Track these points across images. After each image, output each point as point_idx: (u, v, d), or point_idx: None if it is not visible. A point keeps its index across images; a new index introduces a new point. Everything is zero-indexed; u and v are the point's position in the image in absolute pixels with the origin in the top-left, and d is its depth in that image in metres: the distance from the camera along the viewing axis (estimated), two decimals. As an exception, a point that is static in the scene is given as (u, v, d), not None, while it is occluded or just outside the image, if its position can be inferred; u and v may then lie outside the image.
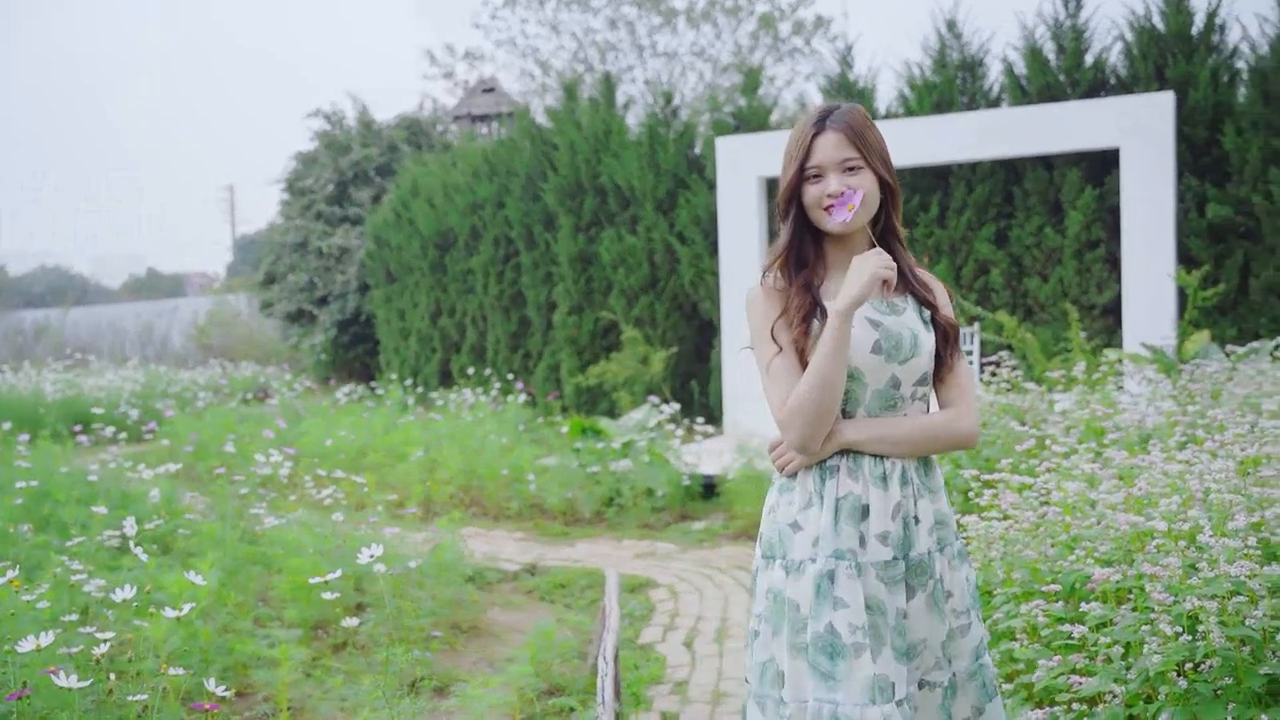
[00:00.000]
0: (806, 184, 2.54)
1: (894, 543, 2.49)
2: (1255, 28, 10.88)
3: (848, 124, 2.52)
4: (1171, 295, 9.83)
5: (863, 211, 2.51)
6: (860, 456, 2.51)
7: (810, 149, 2.53)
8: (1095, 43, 11.27)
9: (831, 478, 2.51)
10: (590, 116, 14.08)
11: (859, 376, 2.52)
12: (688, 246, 12.84)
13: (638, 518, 8.62)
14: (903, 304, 2.59)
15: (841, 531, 2.47)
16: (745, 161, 11.69)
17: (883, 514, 2.48)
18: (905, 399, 2.56)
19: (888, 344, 2.52)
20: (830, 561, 2.45)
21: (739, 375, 11.61)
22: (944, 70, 11.78)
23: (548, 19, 28.48)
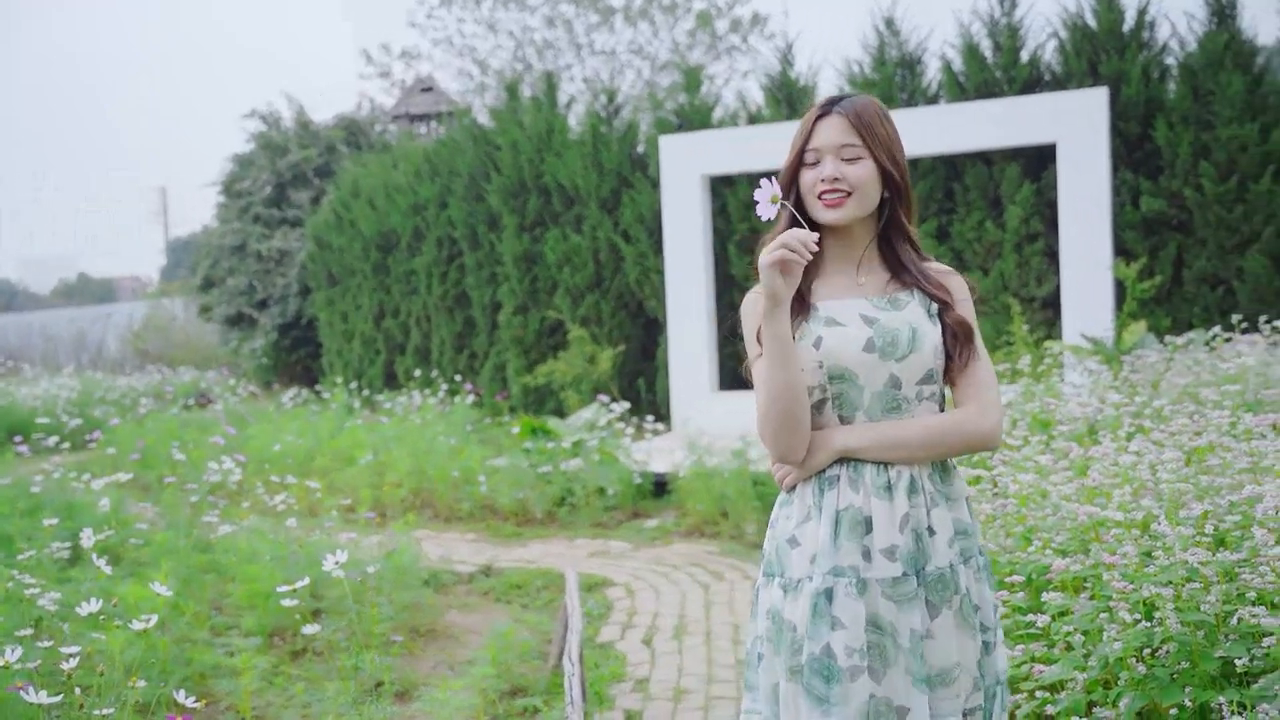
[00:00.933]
0: (804, 169, 2.40)
1: (904, 557, 2.29)
2: (1184, 25, 11.13)
3: (854, 110, 2.38)
4: (1109, 287, 10.04)
5: (854, 205, 2.36)
6: (862, 465, 2.33)
7: (812, 132, 2.39)
8: (1030, 40, 11.47)
9: (830, 489, 2.34)
10: (533, 116, 14.07)
11: (851, 378, 2.35)
12: (632, 245, 12.88)
13: (590, 517, 8.65)
14: (906, 298, 2.41)
15: (842, 547, 2.30)
16: (689, 160, 11.76)
17: (889, 526, 2.30)
18: (910, 400, 2.36)
19: (882, 341, 2.34)
20: (828, 579, 2.29)
21: (686, 373, 11.68)
22: (883, 68, 11.92)
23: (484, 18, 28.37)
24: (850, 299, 2.41)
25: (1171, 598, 2.89)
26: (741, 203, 12.31)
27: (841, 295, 2.43)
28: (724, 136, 11.88)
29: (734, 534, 7.97)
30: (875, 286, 2.44)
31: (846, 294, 2.43)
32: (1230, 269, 10.41)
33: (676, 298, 11.78)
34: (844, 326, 2.36)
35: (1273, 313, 10.00)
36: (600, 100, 14.19)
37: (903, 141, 2.44)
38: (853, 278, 2.44)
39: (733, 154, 11.71)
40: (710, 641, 5.66)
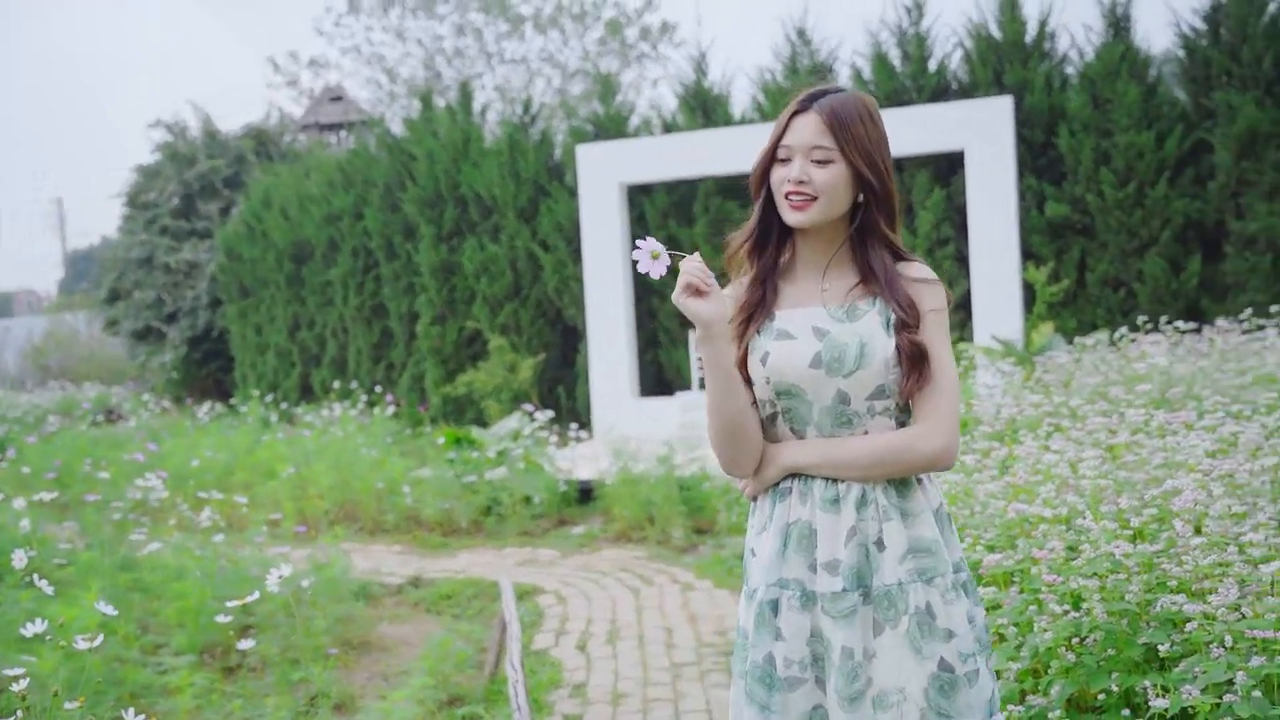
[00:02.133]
0: (775, 164, 2.29)
1: (845, 572, 2.22)
2: (1082, 36, 11.51)
3: (833, 110, 2.24)
4: (1017, 290, 10.34)
5: (819, 210, 2.25)
6: (811, 479, 2.29)
7: (787, 128, 2.29)
8: (938, 49, 11.77)
9: (782, 501, 2.31)
10: (448, 125, 14.05)
11: (799, 394, 2.28)
12: (551, 254, 12.93)
13: (517, 525, 8.68)
14: (866, 307, 2.30)
15: (789, 559, 2.27)
16: (606, 169, 11.85)
17: (832, 540, 2.25)
18: (861, 415, 2.28)
19: (829, 356, 2.25)
20: (773, 590, 2.28)
21: (606, 380, 11.76)
22: (795, 77, 12.13)
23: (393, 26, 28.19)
24: (809, 308, 2.32)
25: (1097, 589, 3.03)
26: (659, 211, 12.43)
27: (803, 303, 2.34)
28: (641, 145, 11.99)
29: (661, 539, 8.05)
30: (839, 293, 2.33)
31: (808, 301, 2.34)
32: (1131, 271, 10.78)
33: (596, 306, 11.85)
34: (793, 340, 2.29)
35: (1171, 313, 10.38)
36: (516, 109, 14.23)
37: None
38: (818, 283, 2.34)
39: (650, 163, 11.83)
40: (644, 645, 5.74)
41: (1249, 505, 3.31)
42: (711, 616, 6.14)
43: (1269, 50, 10.40)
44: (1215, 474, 3.37)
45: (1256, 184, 10.40)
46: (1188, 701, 2.60)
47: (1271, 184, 10.30)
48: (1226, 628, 2.71)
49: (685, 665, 5.38)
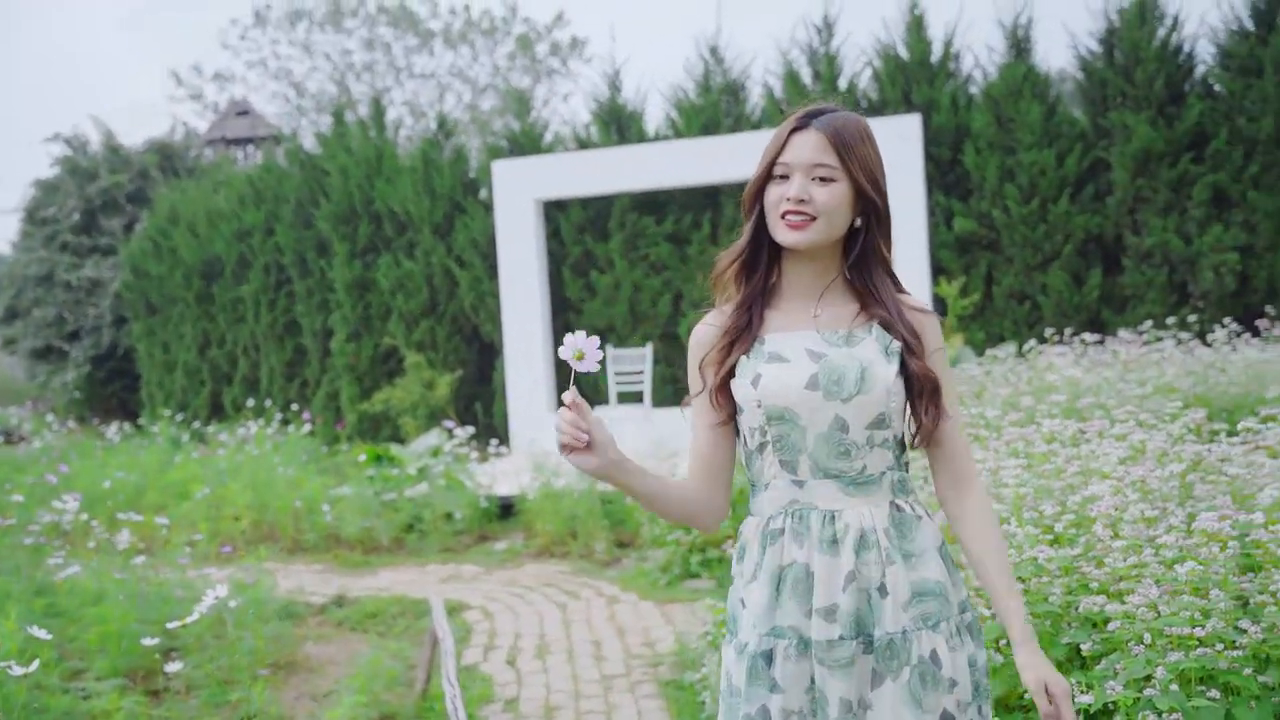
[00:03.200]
0: (771, 183, 2.17)
1: (844, 619, 2.09)
2: (985, 56, 11.85)
3: (835, 128, 2.14)
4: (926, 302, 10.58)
5: (818, 231, 2.14)
6: (807, 514, 2.14)
7: (785, 145, 2.16)
8: (848, 68, 12.03)
9: (773, 544, 2.16)
10: (361, 141, 13.97)
11: (792, 419, 2.13)
12: (467, 270, 12.92)
13: (439, 542, 8.66)
14: (863, 334, 2.18)
15: (783, 606, 2.12)
16: (522, 185, 11.89)
17: (829, 584, 2.10)
18: (860, 446, 2.13)
19: (827, 379, 2.12)
20: (767, 640, 2.13)
21: (524, 396, 11.78)
22: (708, 94, 12.30)
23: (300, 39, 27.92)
24: (801, 331, 2.20)
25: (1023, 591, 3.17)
26: (575, 226, 12.50)
27: (793, 327, 2.21)
28: (557, 161, 12.05)
29: (584, 553, 8.11)
30: (833, 319, 2.21)
31: (798, 326, 2.21)
32: (1035, 285, 11.11)
33: (513, 321, 11.88)
34: (787, 362, 2.16)
35: (1074, 325, 10.73)
36: (427, 125, 14.22)
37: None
38: (809, 309, 2.22)
39: (566, 179, 11.90)
40: (574, 659, 5.79)
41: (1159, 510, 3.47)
42: (638, 629, 6.21)
43: (1160, 72, 10.82)
44: (1128, 480, 3.53)
45: (1151, 201, 10.80)
46: (1111, 697, 2.74)
47: (1165, 201, 10.71)
48: (1145, 626, 2.85)
49: (616, 677, 5.44)
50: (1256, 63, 10.60)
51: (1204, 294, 10.63)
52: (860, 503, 2.14)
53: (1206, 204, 10.57)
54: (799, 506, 2.15)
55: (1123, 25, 11.09)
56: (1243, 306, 10.55)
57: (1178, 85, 10.98)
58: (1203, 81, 11.06)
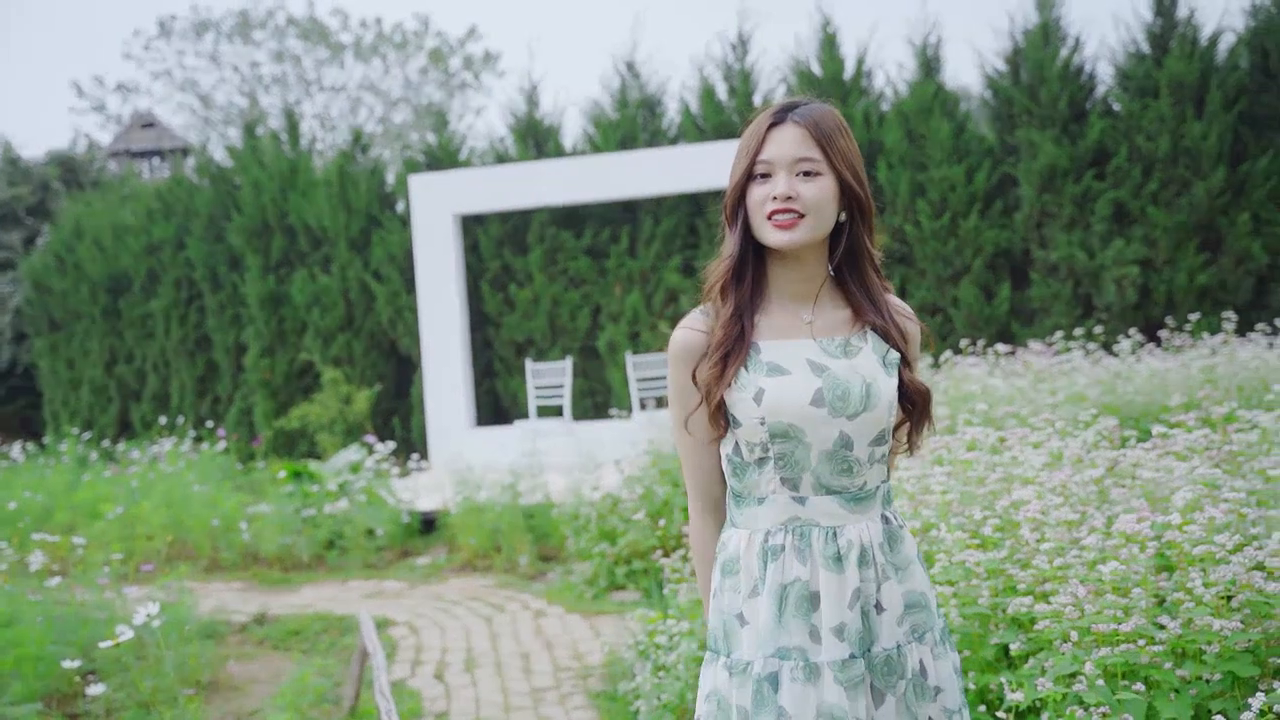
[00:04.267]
0: (753, 183, 2.08)
1: (852, 637, 2.04)
2: (896, 74, 12.11)
3: (814, 120, 2.06)
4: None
5: (808, 228, 2.05)
6: (808, 530, 2.06)
7: (764, 141, 2.07)
8: (763, 84, 12.20)
9: (774, 560, 2.07)
10: (274, 154, 13.81)
11: (797, 435, 2.04)
12: (384, 284, 12.83)
13: (360, 558, 8.59)
14: (859, 343, 2.10)
15: (787, 626, 2.05)
16: (440, 199, 11.86)
17: (837, 602, 2.04)
18: (860, 463, 2.07)
19: (832, 394, 2.04)
20: (772, 662, 2.05)
21: (443, 410, 11.73)
22: (625, 109, 12.39)
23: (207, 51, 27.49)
24: (796, 340, 2.10)
25: (952, 595, 3.27)
26: (494, 241, 12.50)
27: (788, 334, 2.11)
28: (474, 176, 12.04)
29: (508, 567, 8.10)
30: (826, 326, 2.12)
31: (792, 333, 2.11)
32: (947, 298, 11.37)
33: (431, 336, 11.83)
34: (788, 374, 2.06)
35: (985, 337, 11.00)
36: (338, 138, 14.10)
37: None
38: (800, 315, 2.12)
39: (484, 193, 11.89)
40: (502, 672, 5.79)
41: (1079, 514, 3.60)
42: (566, 641, 6.23)
43: (1064, 91, 11.16)
44: (1050, 485, 3.66)
45: (1056, 216, 11.12)
46: (1040, 694, 2.84)
47: (1070, 216, 11.04)
48: (1071, 624, 2.96)
49: (545, 690, 5.46)
50: (1153, 84, 10.99)
51: (1107, 306, 10.97)
52: (859, 518, 2.08)
53: (1108, 219, 10.92)
54: (800, 523, 2.08)
55: (1027, 46, 11.42)
56: (1144, 318, 10.91)
57: (1080, 104, 11.34)
58: (1103, 101, 11.43)
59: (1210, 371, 6.92)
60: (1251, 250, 10.65)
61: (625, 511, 7.17)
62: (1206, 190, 10.66)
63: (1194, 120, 10.75)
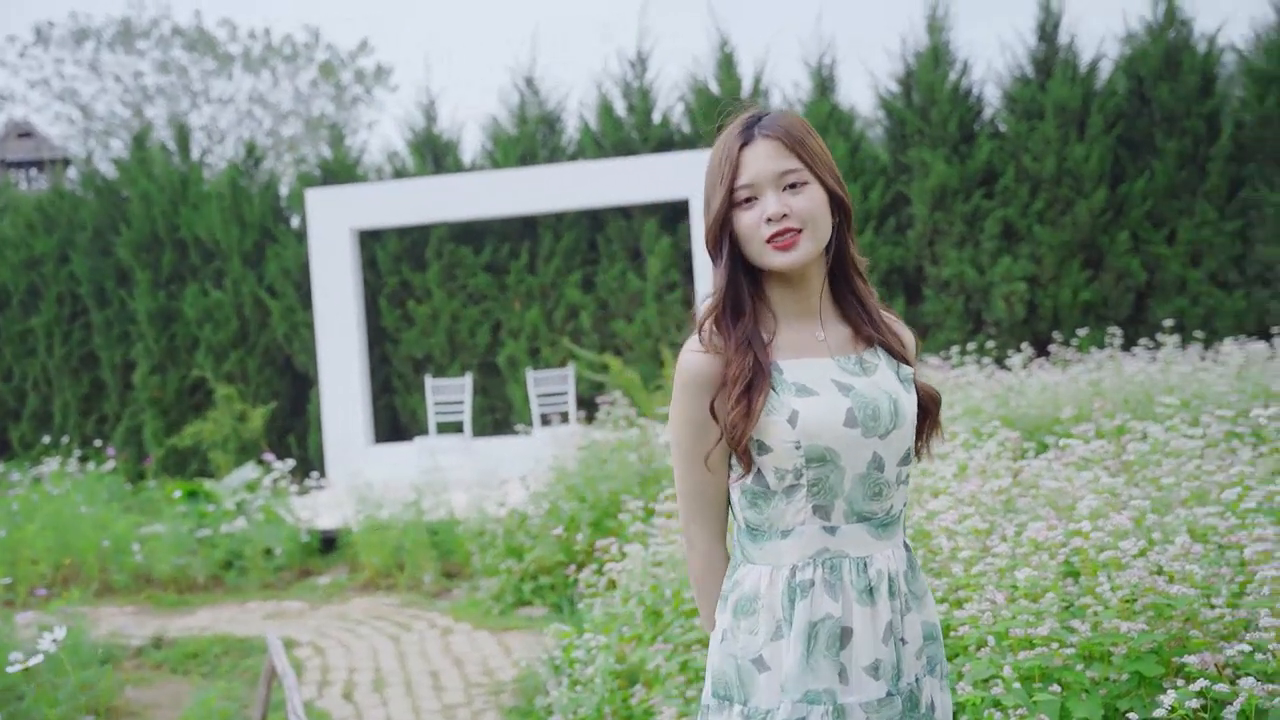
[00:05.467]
0: (738, 210, 1.96)
1: (887, 674, 1.93)
2: (793, 93, 12.33)
3: (783, 129, 1.97)
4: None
5: (810, 241, 1.95)
6: (839, 562, 1.93)
7: (739, 164, 1.96)
8: (661, 102, 12.32)
9: (803, 597, 1.92)
10: (164, 166, 13.49)
11: (833, 459, 1.92)
12: (279, 300, 12.62)
13: (259, 579, 8.43)
14: (873, 359, 2.01)
15: (816, 667, 1.91)
16: (337, 213, 11.73)
17: (870, 638, 1.92)
18: (890, 485, 1.97)
19: (863, 414, 1.93)
20: (800, 708, 1.90)
21: (341, 427, 11.58)
22: (525, 125, 12.40)
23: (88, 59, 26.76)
24: (815, 359, 1.99)
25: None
26: (392, 256, 12.39)
27: (804, 353, 2.00)
28: (373, 190, 11.93)
29: (412, 585, 8.02)
30: (837, 343, 2.03)
31: (810, 351, 2.00)
32: (842, 313, 11.58)
33: (328, 352, 11.67)
34: (817, 395, 1.94)
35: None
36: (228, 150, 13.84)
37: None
38: (812, 333, 2.02)
39: (382, 208, 11.79)
40: (412, 691, 5.74)
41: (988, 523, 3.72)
42: (476, 658, 6.20)
43: (953, 113, 11.48)
44: (960, 495, 3.77)
45: (948, 233, 11.43)
46: (961, 697, 2.92)
47: (960, 234, 11.35)
48: (988, 630, 3.05)
49: (457, 707, 5.43)
50: (1038, 107, 11.36)
51: (997, 321, 11.30)
52: (886, 546, 1.98)
53: (997, 237, 11.25)
54: (829, 555, 1.94)
55: (919, 68, 11.72)
56: (1032, 333, 11.26)
57: (969, 125, 11.67)
58: (991, 122, 11.78)
59: (1098, 385, 7.17)
60: (1130, 267, 11.07)
61: (533, 527, 7.16)
62: (1089, 210, 11.06)
63: (1076, 142, 11.15)
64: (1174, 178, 11.09)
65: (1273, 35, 11.29)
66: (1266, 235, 10.97)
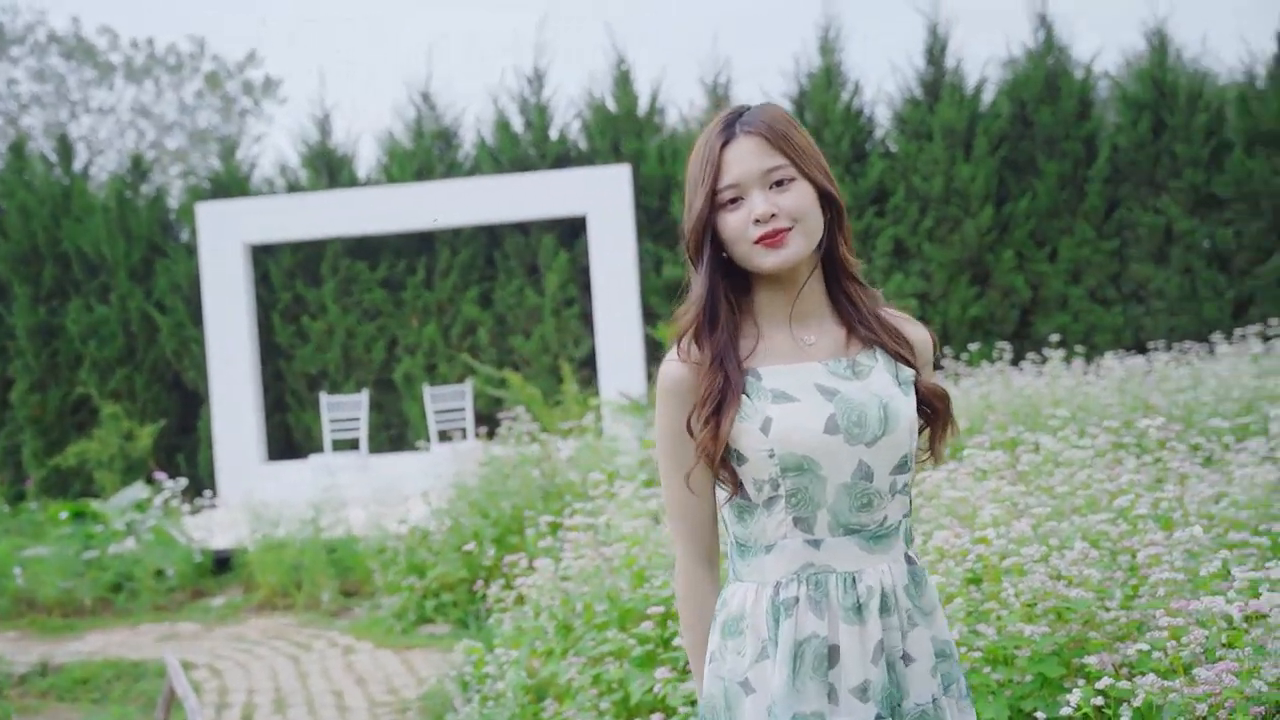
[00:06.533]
0: (722, 212, 1.88)
1: (877, 695, 1.83)
2: (689, 110, 12.49)
3: (766, 124, 1.88)
4: (639, 347, 11.01)
5: (801, 240, 1.87)
6: (825, 578, 1.85)
7: (721, 164, 1.87)
8: (559, 118, 12.36)
9: (788, 616, 1.85)
10: (44, 177, 13.09)
11: (812, 468, 1.84)
12: (169, 316, 12.33)
13: (151, 601, 8.22)
14: (869, 361, 1.91)
15: (803, 689, 1.83)
16: (229, 227, 11.53)
17: (859, 658, 1.83)
18: (882, 495, 1.87)
19: (846, 420, 1.85)
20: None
21: (233, 445, 11.37)
22: (421, 140, 12.34)
23: (-45, 65, 25.83)
24: (799, 364, 1.91)
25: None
26: (285, 271, 12.20)
27: (789, 358, 1.92)
28: (266, 204, 11.76)
29: (310, 604, 7.90)
30: (829, 346, 1.93)
31: (793, 358, 1.92)
32: (738, 328, 11.74)
33: (220, 369, 11.44)
34: (796, 401, 1.86)
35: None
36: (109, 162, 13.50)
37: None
38: (800, 337, 1.93)
39: (275, 222, 11.62)
40: (315, 711, 5.66)
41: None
42: (379, 677, 6.14)
43: (845, 133, 11.74)
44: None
45: (841, 250, 11.65)
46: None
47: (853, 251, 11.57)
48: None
49: (362, 727, 5.37)
50: (927, 128, 11.68)
51: (888, 337, 11.55)
52: (879, 560, 1.87)
53: (889, 254, 11.53)
54: (815, 571, 1.86)
55: (812, 89, 11.96)
56: (921, 348, 11.52)
57: (861, 145, 11.95)
58: (882, 143, 12.07)
59: (988, 398, 7.39)
60: (1015, 284, 11.43)
61: (436, 544, 7.12)
62: (976, 228, 11.39)
63: (963, 163, 11.48)
64: (1055, 198, 11.49)
65: (1143, 64, 11.79)
66: (1140, 254, 11.43)
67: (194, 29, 39.56)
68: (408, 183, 11.98)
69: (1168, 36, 11.72)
